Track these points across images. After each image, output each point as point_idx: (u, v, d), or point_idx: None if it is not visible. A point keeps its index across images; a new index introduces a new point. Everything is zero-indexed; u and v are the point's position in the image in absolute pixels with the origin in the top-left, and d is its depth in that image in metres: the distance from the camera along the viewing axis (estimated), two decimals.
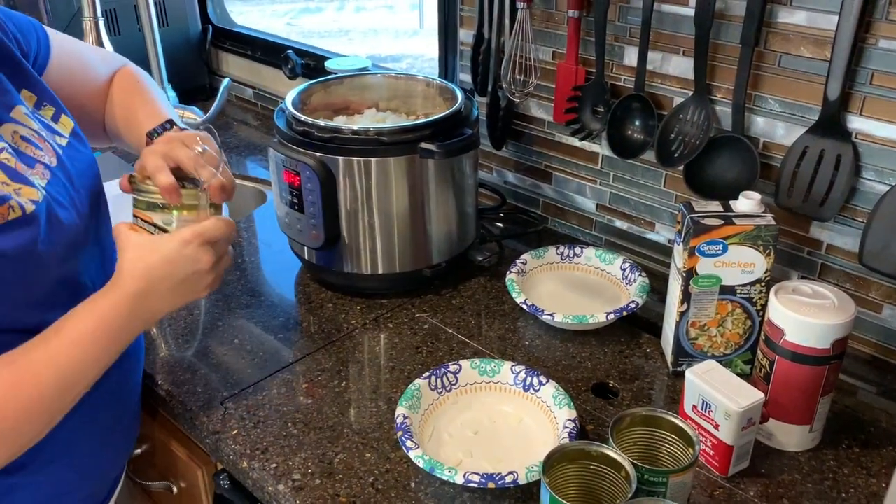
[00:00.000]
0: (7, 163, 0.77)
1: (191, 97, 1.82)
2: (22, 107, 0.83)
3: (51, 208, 0.79)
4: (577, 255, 1.20)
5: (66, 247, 0.81)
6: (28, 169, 0.79)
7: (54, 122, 0.88)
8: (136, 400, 0.99)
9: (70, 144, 0.88)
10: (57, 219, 0.79)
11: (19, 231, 0.74)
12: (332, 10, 8.10)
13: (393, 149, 1.06)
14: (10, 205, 0.74)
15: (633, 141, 1.17)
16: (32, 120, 0.84)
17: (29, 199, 0.76)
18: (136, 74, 1.06)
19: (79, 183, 0.86)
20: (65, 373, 0.76)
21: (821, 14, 0.95)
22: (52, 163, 0.83)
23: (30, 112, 0.85)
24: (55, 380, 0.75)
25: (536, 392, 0.93)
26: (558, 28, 1.22)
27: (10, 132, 0.80)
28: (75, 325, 0.77)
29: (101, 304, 0.78)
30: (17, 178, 0.77)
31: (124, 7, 1.73)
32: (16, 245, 0.74)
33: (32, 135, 0.83)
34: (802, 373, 0.84)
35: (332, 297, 1.17)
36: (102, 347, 0.78)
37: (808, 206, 1.00)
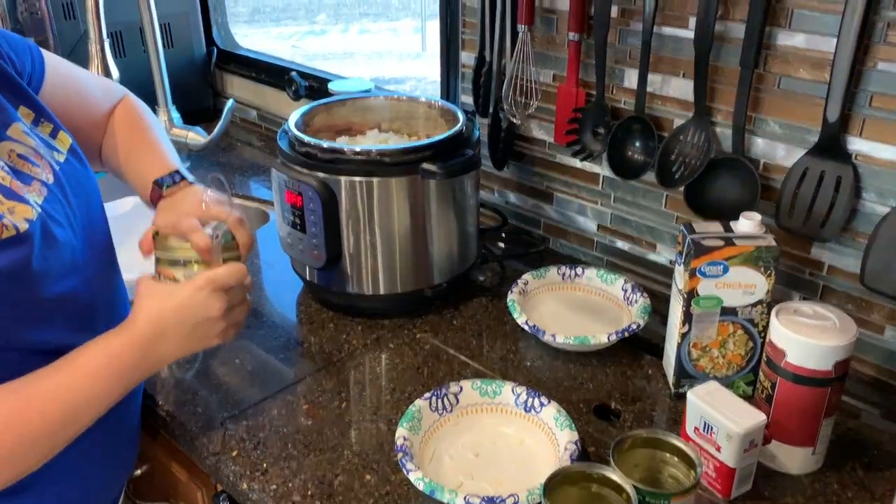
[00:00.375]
0: (2, 182, 0.77)
1: (195, 118, 1.83)
2: (20, 124, 0.83)
3: (46, 226, 0.79)
4: (579, 275, 1.20)
5: (61, 264, 0.80)
6: (24, 186, 0.79)
7: (52, 139, 0.87)
8: (137, 421, 0.98)
9: (68, 161, 0.87)
10: (52, 236, 0.79)
11: (12, 249, 0.74)
12: (336, 33, 8.18)
13: (395, 169, 1.07)
14: (4, 223, 0.74)
15: (634, 162, 1.18)
16: (30, 137, 0.84)
17: (23, 218, 0.76)
18: (138, 109, 1.07)
19: (76, 200, 0.85)
20: (70, 406, 0.77)
21: (819, 37, 0.95)
22: (49, 180, 0.83)
23: (28, 129, 0.84)
24: (60, 412, 0.76)
25: (538, 413, 0.93)
26: (559, 51, 1.23)
27: (7, 151, 0.80)
28: (86, 360, 0.78)
29: (113, 342, 0.80)
30: (12, 197, 0.77)
31: (130, 29, 1.75)
32: (8, 263, 0.74)
33: (30, 152, 0.82)
34: (804, 394, 0.84)
35: (334, 318, 1.17)
36: (110, 386, 0.79)
37: (808, 228, 1.01)
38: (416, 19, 8.16)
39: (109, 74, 1.39)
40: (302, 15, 8.74)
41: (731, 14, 1.02)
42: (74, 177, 0.87)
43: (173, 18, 1.85)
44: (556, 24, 1.22)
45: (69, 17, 1.67)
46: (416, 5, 8.32)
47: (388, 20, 8.46)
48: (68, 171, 0.86)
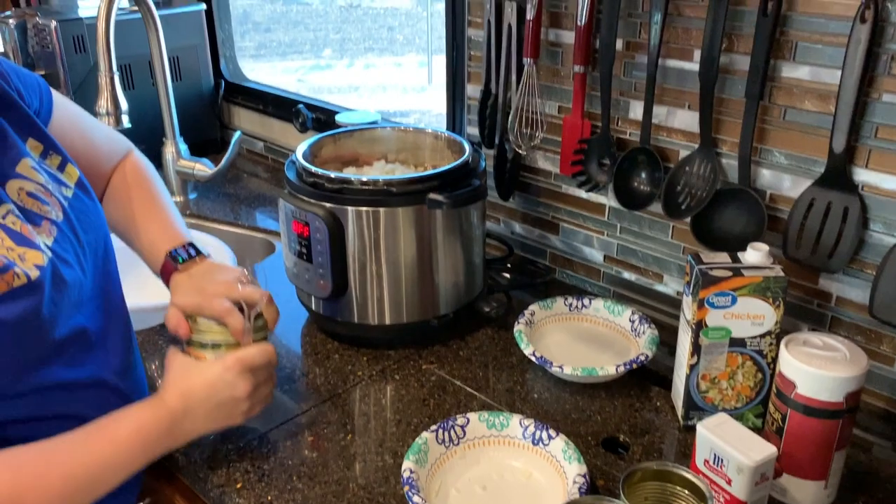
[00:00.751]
0: (13, 227, 0.76)
1: (202, 150, 1.84)
2: (28, 159, 0.82)
3: (56, 270, 0.78)
4: (586, 306, 1.20)
5: (70, 305, 0.80)
6: (34, 229, 0.78)
7: (60, 172, 0.87)
8: None
9: (76, 195, 0.87)
10: (62, 279, 0.79)
11: (22, 299, 0.74)
12: (342, 68, 8.27)
13: (401, 199, 1.07)
14: (15, 272, 0.73)
15: (640, 193, 1.18)
16: (39, 173, 0.83)
17: (34, 265, 0.76)
18: (145, 171, 1.07)
19: (85, 238, 0.85)
20: (93, 473, 0.77)
21: (824, 69, 0.96)
22: (58, 217, 0.82)
23: (36, 164, 0.83)
24: (83, 478, 0.77)
25: (546, 446, 0.92)
26: (564, 83, 1.24)
27: (16, 189, 0.80)
28: (115, 429, 0.80)
29: (143, 414, 0.82)
30: (23, 242, 0.76)
31: (139, 62, 1.77)
32: (18, 313, 0.73)
33: (39, 189, 0.82)
34: (816, 426, 0.83)
35: (339, 348, 1.17)
36: (134, 456, 0.81)
37: (816, 258, 1.00)
38: (420, 54, 8.25)
39: (119, 106, 1.40)
40: (308, 49, 8.84)
41: (736, 47, 1.03)
42: (83, 212, 0.87)
43: (182, 52, 1.87)
44: (561, 57, 1.23)
45: (80, 51, 1.69)
46: (420, 40, 8.42)
47: (393, 55, 8.56)
48: (77, 206, 0.86)
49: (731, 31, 1.02)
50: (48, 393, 0.79)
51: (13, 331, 0.73)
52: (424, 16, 7.94)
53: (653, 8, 1.06)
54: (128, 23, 1.64)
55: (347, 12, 9.90)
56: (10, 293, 0.73)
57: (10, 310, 0.73)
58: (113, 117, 1.40)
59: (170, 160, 1.68)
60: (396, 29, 9.02)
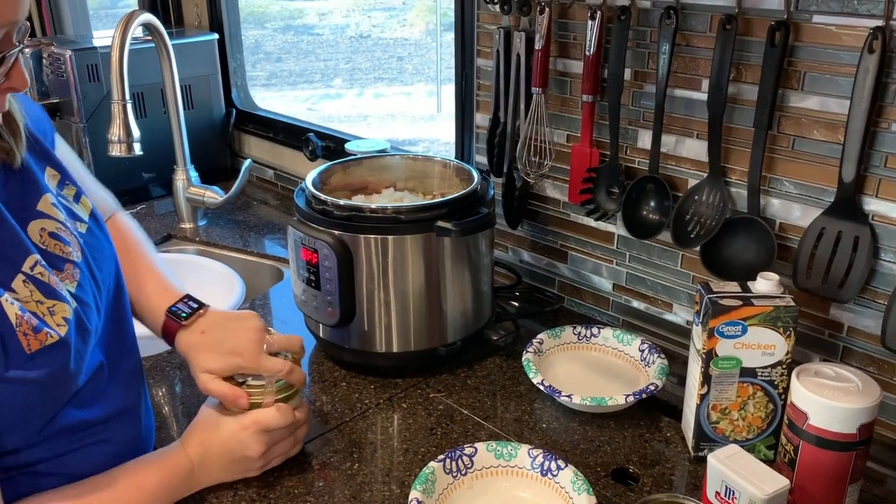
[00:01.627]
0: (41, 278, 0.75)
1: (213, 177, 1.86)
2: (49, 195, 0.82)
3: (80, 320, 0.78)
4: (595, 335, 1.19)
5: (90, 350, 0.80)
6: (58, 275, 0.78)
7: (76, 204, 0.87)
8: None
9: (90, 230, 0.86)
10: (85, 329, 0.79)
11: (52, 356, 0.73)
12: (352, 97, 8.36)
13: (410, 227, 1.07)
14: (48, 332, 0.73)
15: (649, 221, 1.18)
16: (59, 210, 0.82)
17: (62, 318, 0.76)
18: (133, 230, 1.06)
19: (100, 275, 0.85)
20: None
21: (832, 99, 0.96)
22: (77, 258, 0.82)
23: (55, 198, 0.83)
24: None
25: (554, 477, 0.91)
26: (572, 112, 1.25)
27: (38, 231, 0.79)
28: (142, 475, 0.84)
29: (167, 459, 0.87)
30: (51, 295, 0.76)
31: (151, 91, 1.79)
32: (49, 371, 0.73)
33: (59, 228, 0.81)
34: (829, 459, 0.82)
35: (346, 376, 1.16)
36: (157, 498, 0.85)
37: (827, 288, 1.00)
38: (429, 83, 8.33)
39: (131, 134, 1.41)
40: (318, 79, 8.94)
41: (744, 76, 1.03)
42: (97, 248, 0.86)
43: (194, 80, 1.90)
44: (569, 87, 1.24)
45: (93, 79, 1.71)
46: (429, 70, 8.50)
47: (403, 84, 8.64)
48: (91, 243, 0.85)
49: (739, 61, 1.03)
50: (70, 431, 0.79)
51: (43, 389, 0.73)
52: (433, 46, 8.03)
53: (661, 38, 1.07)
54: (141, 52, 1.67)
55: (358, 42, 10.04)
56: (41, 351, 0.72)
57: (41, 369, 0.73)
58: (125, 145, 1.41)
59: (180, 187, 1.69)
60: (406, 59, 9.13)
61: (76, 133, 1.76)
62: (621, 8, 1.11)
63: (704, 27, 1.06)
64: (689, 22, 1.07)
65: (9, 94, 0.75)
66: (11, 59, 0.70)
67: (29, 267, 0.75)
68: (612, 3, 1.12)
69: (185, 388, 1.13)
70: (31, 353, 0.72)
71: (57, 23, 2.68)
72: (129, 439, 0.88)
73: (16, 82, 0.72)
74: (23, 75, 0.72)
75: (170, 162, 1.70)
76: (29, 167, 0.81)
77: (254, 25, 8.84)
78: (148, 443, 0.95)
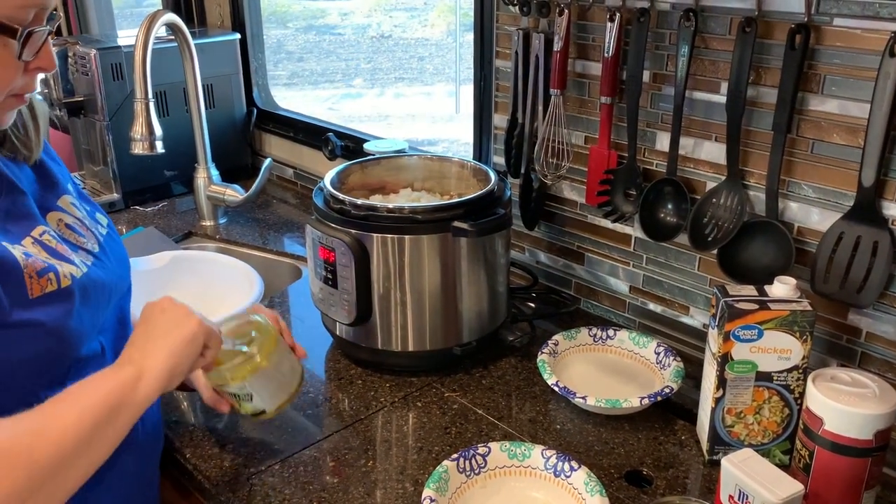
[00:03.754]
0: (48, 243, 0.79)
1: (233, 176, 1.88)
2: (69, 196, 0.88)
3: (85, 287, 0.81)
4: (610, 337, 1.19)
5: (93, 326, 0.83)
6: (70, 252, 0.82)
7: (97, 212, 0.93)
8: (155, 489, 0.98)
9: (109, 235, 0.92)
10: (90, 297, 0.81)
11: (54, 304, 0.76)
12: (373, 97, 8.38)
13: (426, 227, 1.08)
14: (49, 278, 0.76)
15: (666, 224, 1.18)
16: (78, 209, 0.88)
17: (69, 274, 0.78)
18: None
19: (115, 271, 0.89)
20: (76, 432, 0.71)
21: (852, 102, 0.96)
22: (94, 248, 0.86)
23: (76, 200, 0.89)
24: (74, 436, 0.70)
25: (567, 478, 0.91)
26: (591, 114, 1.25)
27: (56, 220, 0.84)
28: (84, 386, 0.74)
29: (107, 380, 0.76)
30: (58, 256, 0.79)
31: (174, 89, 1.81)
32: (51, 319, 0.75)
33: (77, 223, 0.86)
34: (844, 464, 0.81)
35: (362, 374, 1.17)
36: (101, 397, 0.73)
37: (845, 293, 0.99)
38: (449, 83, 8.34)
39: (153, 132, 1.43)
40: (339, 78, 8.98)
41: (763, 79, 1.03)
42: (115, 250, 0.91)
43: (216, 80, 1.91)
44: (588, 88, 1.24)
45: (117, 78, 1.74)
46: (450, 70, 8.51)
47: (423, 84, 8.65)
48: (110, 244, 0.90)
49: (759, 64, 1.02)
50: None
51: (46, 337, 0.75)
52: (454, 46, 8.03)
53: (680, 40, 1.06)
54: (164, 51, 1.69)
55: (379, 42, 10.07)
56: (43, 297, 0.75)
57: (43, 313, 0.75)
58: (147, 142, 1.43)
59: (201, 185, 1.71)
60: (427, 59, 9.14)
61: (100, 131, 1.78)
62: (640, 10, 1.10)
63: (724, 29, 1.05)
64: (708, 24, 1.07)
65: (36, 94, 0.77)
66: (41, 38, 0.74)
67: (38, 234, 0.78)
68: (632, 5, 1.12)
69: None
70: (34, 297, 0.74)
71: (83, 22, 2.72)
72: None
73: (44, 62, 0.76)
74: (51, 56, 0.76)
75: (191, 160, 1.72)
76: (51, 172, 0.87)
77: (276, 25, 8.90)
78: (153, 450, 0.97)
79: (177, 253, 1.45)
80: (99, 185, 1.88)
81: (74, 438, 0.69)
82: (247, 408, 0.94)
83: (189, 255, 1.50)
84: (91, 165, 1.91)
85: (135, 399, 0.75)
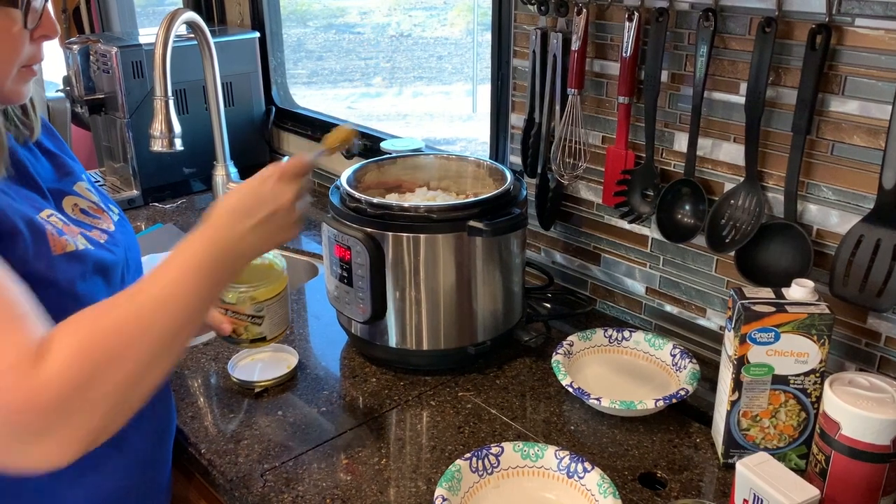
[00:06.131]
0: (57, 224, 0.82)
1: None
2: (84, 183, 0.91)
3: (100, 260, 0.83)
4: (626, 338, 1.18)
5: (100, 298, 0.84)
6: (84, 230, 0.85)
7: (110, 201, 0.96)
8: (166, 474, 0.99)
9: (121, 220, 0.95)
10: (102, 267, 0.84)
11: (72, 265, 0.79)
12: (391, 96, 8.40)
13: (442, 226, 1.08)
14: (65, 240, 0.79)
15: (684, 225, 1.17)
16: (93, 192, 0.91)
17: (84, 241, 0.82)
18: None
19: (128, 253, 0.91)
20: (169, 309, 0.72)
21: (874, 103, 0.94)
22: (109, 228, 0.89)
23: (90, 186, 0.92)
24: (161, 315, 0.71)
25: (581, 479, 0.91)
26: (608, 114, 1.24)
27: (71, 204, 0.87)
28: (175, 260, 0.75)
29: (194, 243, 0.77)
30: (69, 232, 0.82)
31: (193, 87, 1.83)
32: (66, 279, 0.78)
33: (91, 207, 0.89)
34: (861, 470, 0.80)
35: (376, 372, 1.17)
36: (197, 281, 0.74)
37: (864, 297, 0.98)
38: (467, 83, 8.34)
39: (172, 130, 1.44)
40: (358, 77, 9.01)
41: (783, 80, 1.02)
42: (126, 234, 0.93)
43: (235, 78, 1.93)
44: (605, 88, 1.23)
45: (138, 75, 1.75)
46: (468, 69, 8.51)
47: (441, 83, 8.66)
48: (123, 230, 0.93)
49: (778, 65, 1.02)
50: None
51: (59, 298, 0.76)
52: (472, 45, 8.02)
53: (699, 40, 1.06)
54: (184, 49, 1.70)
55: (398, 41, 10.09)
56: (62, 256, 0.78)
57: (63, 272, 0.78)
58: (167, 140, 1.45)
59: (220, 182, 1.72)
60: (445, 58, 9.15)
61: (120, 128, 1.80)
62: (659, 10, 1.10)
63: (743, 30, 1.04)
64: (727, 24, 1.06)
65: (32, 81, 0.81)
66: (41, 5, 0.76)
67: (45, 216, 0.80)
68: (650, 5, 1.12)
69: (220, 379, 1.16)
70: (55, 254, 0.77)
71: (104, 20, 2.75)
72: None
73: (47, 28, 0.78)
74: (53, 22, 0.79)
75: (210, 157, 1.73)
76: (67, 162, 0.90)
77: (296, 24, 8.94)
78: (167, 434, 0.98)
79: None
80: (119, 182, 1.90)
81: (192, 308, 0.73)
82: (252, 331, 0.99)
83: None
84: (111, 162, 1.93)
85: (234, 267, 0.80)
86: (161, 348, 0.70)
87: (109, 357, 0.66)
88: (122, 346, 0.67)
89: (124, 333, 0.68)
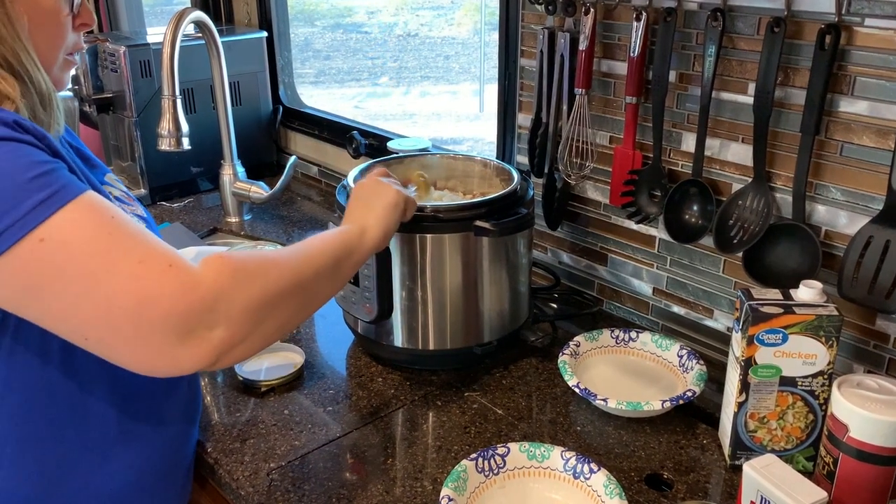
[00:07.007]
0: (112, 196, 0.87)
1: (258, 173, 1.89)
2: (111, 174, 0.94)
3: None
4: (633, 339, 1.18)
5: None
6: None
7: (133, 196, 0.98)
8: (189, 462, 1.00)
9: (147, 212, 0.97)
10: None
11: None
12: (398, 95, 8.40)
13: (448, 226, 1.08)
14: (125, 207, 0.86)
15: (691, 226, 1.17)
16: (120, 185, 0.95)
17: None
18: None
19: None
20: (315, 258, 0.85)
21: (883, 104, 0.94)
22: (143, 215, 0.93)
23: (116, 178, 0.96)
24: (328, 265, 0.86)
25: (587, 480, 0.91)
26: (615, 113, 1.24)
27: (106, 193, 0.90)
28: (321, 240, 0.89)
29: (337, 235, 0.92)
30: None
31: (201, 87, 1.83)
32: None
33: (123, 195, 0.93)
34: (869, 472, 0.80)
35: (382, 372, 1.17)
36: (335, 245, 0.89)
37: (873, 298, 0.97)
38: (474, 83, 8.33)
39: (180, 129, 1.45)
40: (365, 77, 9.02)
41: (792, 80, 1.01)
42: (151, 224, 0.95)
43: (242, 77, 1.93)
44: (613, 88, 1.23)
45: (146, 75, 1.76)
46: (475, 69, 8.50)
47: (448, 83, 8.65)
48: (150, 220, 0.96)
49: (787, 65, 1.01)
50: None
51: None
52: (479, 45, 8.02)
53: (707, 40, 1.05)
54: (192, 49, 1.70)
55: (405, 41, 10.10)
56: None
57: None
58: (174, 139, 1.45)
59: (227, 182, 1.73)
60: (452, 58, 9.15)
61: (128, 127, 1.81)
62: (667, 9, 1.09)
63: (752, 30, 1.04)
64: (735, 24, 1.05)
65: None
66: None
67: None
68: (658, 5, 1.11)
69: (227, 378, 1.16)
70: None
71: (113, 19, 2.76)
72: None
73: (86, 17, 0.84)
74: (90, 12, 0.84)
75: (217, 157, 1.73)
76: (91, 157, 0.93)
77: (303, 23, 8.95)
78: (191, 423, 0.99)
79: (202, 248, 1.46)
80: (127, 181, 1.90)
81: (325, 267, 0.85)
82: None
83: (214, 250, 1.51)
84: (119, 161, 1.93)
85: (362, 247, 0.93)
86: (300, 280, 0.80)
87: (255, 275, 0.75)
88: (268, 267, 0.77)
89: (269, 261, 0.79)
